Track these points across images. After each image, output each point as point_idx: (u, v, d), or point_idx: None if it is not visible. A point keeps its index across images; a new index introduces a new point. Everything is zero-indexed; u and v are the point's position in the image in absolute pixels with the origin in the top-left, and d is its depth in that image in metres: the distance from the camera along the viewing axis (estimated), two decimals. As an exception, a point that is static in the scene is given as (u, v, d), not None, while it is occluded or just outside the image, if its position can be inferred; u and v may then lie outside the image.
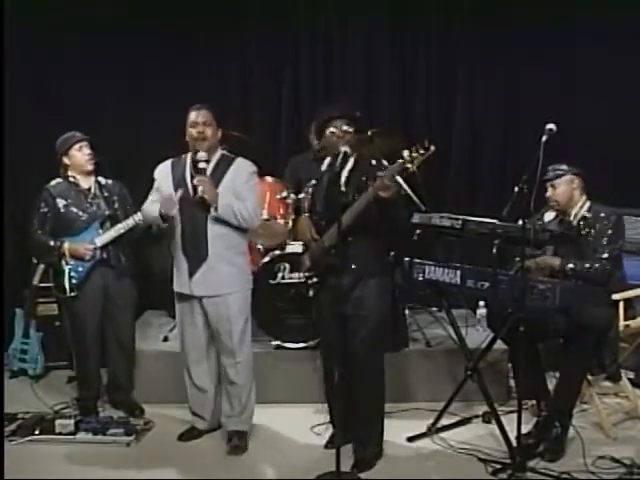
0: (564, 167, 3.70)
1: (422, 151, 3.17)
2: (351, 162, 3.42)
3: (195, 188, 3.46)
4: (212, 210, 3.42)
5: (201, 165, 3.45)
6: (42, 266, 4.52)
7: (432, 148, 3.17)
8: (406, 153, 3.18)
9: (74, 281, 3.91)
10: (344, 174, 3.41)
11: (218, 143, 3.59)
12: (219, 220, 3.47)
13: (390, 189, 3.17)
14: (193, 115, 3.50)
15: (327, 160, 3.54)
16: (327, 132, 3.45)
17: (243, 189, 3.50)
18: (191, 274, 3.52)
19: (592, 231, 3.61)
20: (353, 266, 3.33)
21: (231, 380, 3.61)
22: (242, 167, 3.57)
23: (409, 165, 3.19)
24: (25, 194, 4.31)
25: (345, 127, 3.40)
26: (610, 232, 3.59)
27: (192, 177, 3.50)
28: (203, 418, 3.79)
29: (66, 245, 3.88)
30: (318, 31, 5.30)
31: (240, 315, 3.59)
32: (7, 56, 4.81)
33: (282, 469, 3.47)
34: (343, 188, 3.37)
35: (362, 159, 3.46)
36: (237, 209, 3.45)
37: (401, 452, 3.61)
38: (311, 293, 3.58)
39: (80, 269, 3.91)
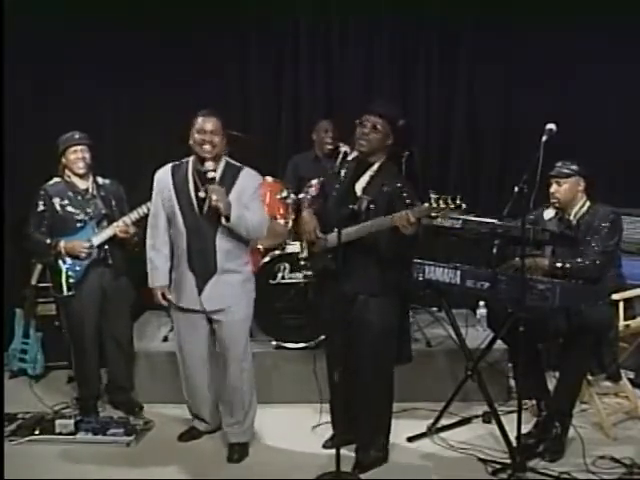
0: (574, 167, 3.68)
1: (452, 206, 3.01)
2: (375, 167, 3.34)
3: (200, 202, 3.41)
4: (223, 220, 3.34)
5: (210, 175, 3.35)
6: (40, 266, 4.53)
7: (463, 206, 3.03)
8: (434, 198, 3.02)
9: (72, 280, 3.91)
10: (364, 178, 3.33)
11: (223, 151, 3.50)
12: (226, 234, 3.42)
13: (413, 227, 3.07)
14: (201, 122, 3.38)
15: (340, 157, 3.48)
16: (358, 124, 3.32)
17: (250, 201, 3.44)
18: (200, 290, 3.47)
19: (589, 229, 3.61)
20: (355, 280, 3.28)
21: (235, 386, 3.57)
22: (250, 179, 3.48)
23: (434, 214, 3.06)
24: (25, 194, 4.30)
25: (377, 126, 3.28)
26: (606, 230, 3.59)
27: (196, 189, 3.42)
28: (204, 420, 3.79)
29: (62, 243, 3.88)
30: (318, 31, 5.30)
31: (245, 323, 3.57)
32: (7, 56, 4.81)
33: (282, 469, 3.47)
34: (359, 193, 3.31)
35: (387, 168, 3.37)
36: (249, 220, 3.39)
37: (401, 452, 3.61)
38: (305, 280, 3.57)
39: (77, 268, 3.91)
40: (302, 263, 3.56)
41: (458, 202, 3.02)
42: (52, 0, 4.93)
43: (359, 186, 3.34)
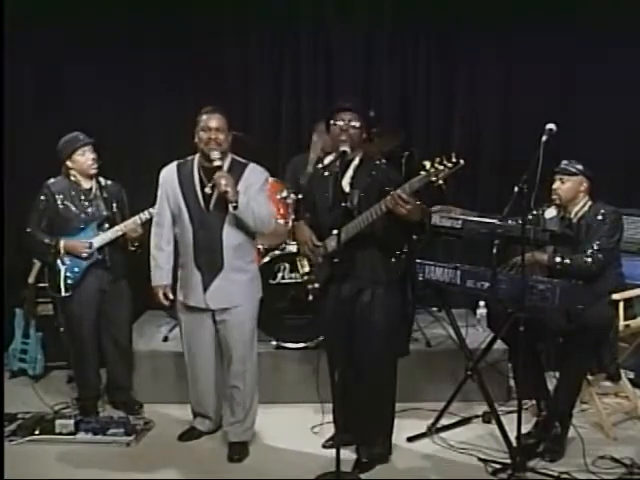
0: (579, 167, 3.70)
1: (450, 165, 2.98)
2: (357, 161, 3.32)
3: (206, 198, 3.42)
4: (230, 207, 3.32)
5: (217, 163, 3.34)
6: (38, 265, 4.53)
7: (461, 162, 3.00)
8: (428, 164, 3.00)
9: (69, 281, 3.91)
10: (349, 174, 3.32)
11: (229, 148, 3.49)
12: (233, 230, 3.42)
13: (407, 205, 3.03)
14: (205, 119, 3.39)
15: (327, 159, 3.45)
16: (332, 124, 3.29)
17: (257, 194, 3.43)
18: (205, 287, 3.47)
19: (590, 227, 3.62)
20: (358, 276, 3.29)
21: (237, 386, 3.57)
22: (256, 173, 3.49)
23: (433, 178, 3.00)
24: (25, 194, 4.30)
25: (352, 121, 3.25)
26: (607, 227, 3.61)
27: (202, 185, 3.43)
28: (208, 417, 3.78)
29: (62, 243, 3.88)
30: (318, 31, 5.30)
31: (250, 323, 3.57)
32: (7, 56, 4.81)
33: (282, 469, 3.47)
34: (346, 189, 3.30)
35: (367, 158, 3.35)
36: (256, 209, 3.38)
37: (401, 452, 3.61)
38: (310, 297, 3.53)
39: (76, 269, 3.91)
40: (306, 278, 3.51)
41: (454, 160, 2.98)
42: (52, 0, 4.93)
43: (345, 182, 3.32)
